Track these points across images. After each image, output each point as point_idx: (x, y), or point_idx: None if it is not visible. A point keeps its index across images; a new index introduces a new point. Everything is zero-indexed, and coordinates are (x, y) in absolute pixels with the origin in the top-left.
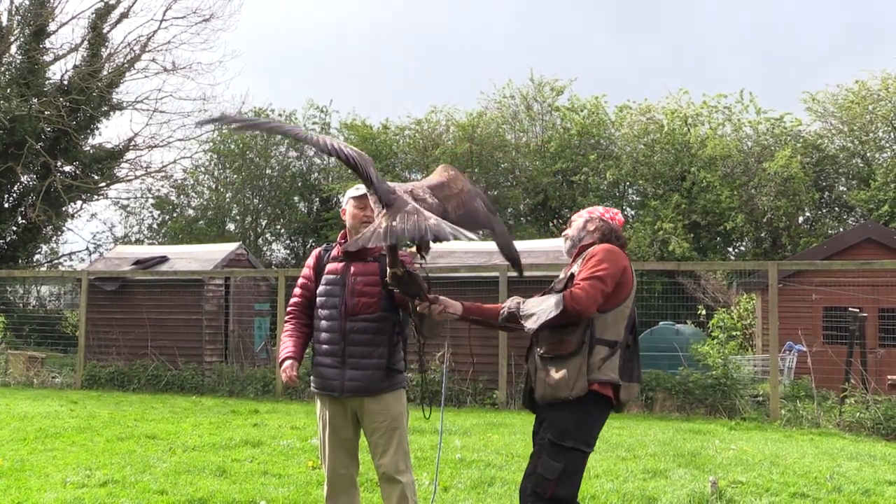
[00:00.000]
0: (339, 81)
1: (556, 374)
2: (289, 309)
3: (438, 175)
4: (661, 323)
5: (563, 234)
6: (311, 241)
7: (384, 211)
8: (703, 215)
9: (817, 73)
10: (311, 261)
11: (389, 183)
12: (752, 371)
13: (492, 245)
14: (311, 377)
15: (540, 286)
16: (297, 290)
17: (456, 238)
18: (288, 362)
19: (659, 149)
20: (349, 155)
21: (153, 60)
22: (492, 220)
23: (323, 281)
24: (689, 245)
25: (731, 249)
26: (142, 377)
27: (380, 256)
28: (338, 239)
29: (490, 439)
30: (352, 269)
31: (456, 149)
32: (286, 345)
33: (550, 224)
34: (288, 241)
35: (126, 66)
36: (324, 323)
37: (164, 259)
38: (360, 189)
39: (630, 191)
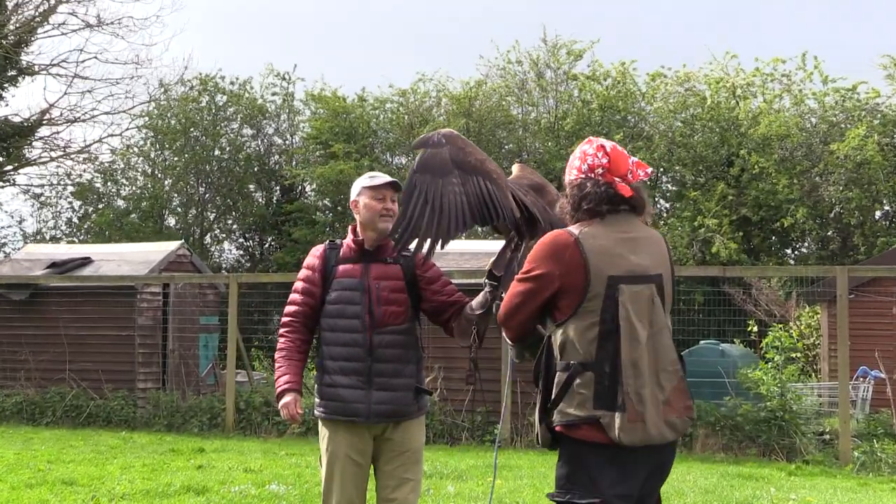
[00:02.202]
0: (304, 43)
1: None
2: (286, 320)
3: (532, 175)
4: (702, 342)
5: None
6: (269, 238)
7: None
8: (755, 209)
9: None
10: (314, 261)
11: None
12: (816, 402)
13: (486, 246)
14: (319, 400)
15: None
16: (296, 297)
17: None
18: (289, 397)
19: (700, 127)
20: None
21: (72, 13)
22: None
23: (336, 286)
24: (737, 246)
25: (789, 251)
26: (57, 408)
27: (400, 257)
28: (349, 235)
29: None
30: (372, 271)
31: (449, 126)
32: (284, 371)
33: None
34: (241, 240)
35: (38, 19)
36: (341, 336)
37: (86, 261)
38: (375, 178)
39: (664, 178)
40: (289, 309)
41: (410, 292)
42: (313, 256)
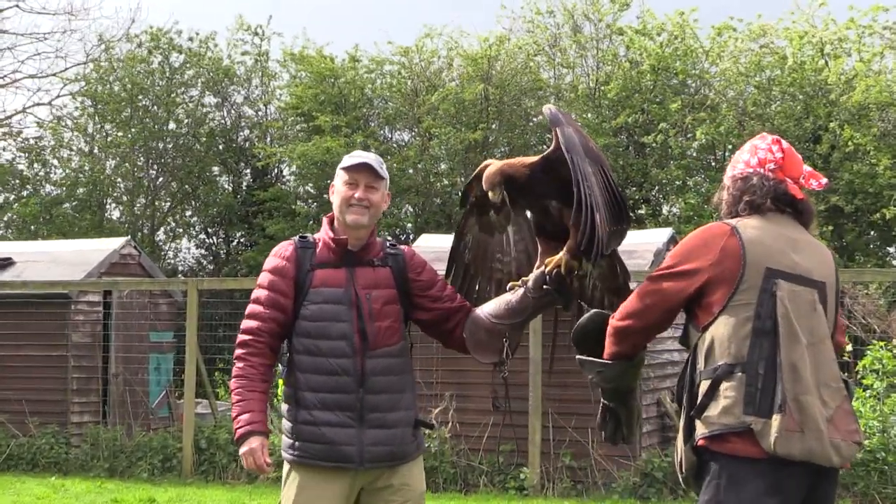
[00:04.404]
0: None
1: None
2: (246, 339)
3: None
4: None
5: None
6: (238, 234)
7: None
8: (849, 197)
9: None
10: (282, 264)
11: None
12: None
13: None
14: (293, 442)
15: None
16: (258, 310)
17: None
18: (256, 441)
19: (780, 93)
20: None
21: None
22: None
23: (314, 297)
24: (826, 242)
25: (892, 249)
26: None
27: (387, 257)
28: (324, 229)
29: None
30: (359, 278)
31: (463, 93)
32: (245, 407)
33: None
34: (203, 236)
35: None
36: (324, 362)
37: (7, 262)
38: (354, 157)
39: None
40: (249, 325)
41: (402, 302)
42: (280, 258)
